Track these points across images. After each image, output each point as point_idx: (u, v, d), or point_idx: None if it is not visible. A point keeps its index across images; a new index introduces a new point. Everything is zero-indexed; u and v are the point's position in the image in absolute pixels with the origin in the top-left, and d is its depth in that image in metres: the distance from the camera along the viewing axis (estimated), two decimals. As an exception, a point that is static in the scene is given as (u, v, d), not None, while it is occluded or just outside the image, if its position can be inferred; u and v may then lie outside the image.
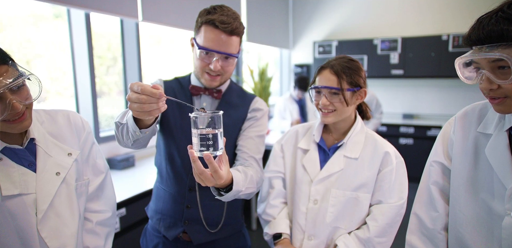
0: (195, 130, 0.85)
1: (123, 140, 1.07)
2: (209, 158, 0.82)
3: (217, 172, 0.85)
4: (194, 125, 0.85)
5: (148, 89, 0.81)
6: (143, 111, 0.83)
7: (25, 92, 0.86)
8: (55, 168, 0.98)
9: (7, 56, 0.83)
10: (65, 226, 0.98)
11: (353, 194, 1.26)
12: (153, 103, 0.83)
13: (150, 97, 0.82)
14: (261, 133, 1.31)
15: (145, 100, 0.82)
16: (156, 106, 0.84)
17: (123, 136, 1.05)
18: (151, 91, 0.81)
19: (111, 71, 3.07)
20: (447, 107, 5.17)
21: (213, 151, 0.85)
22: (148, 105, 0.82)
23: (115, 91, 3.14)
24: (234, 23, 1.16)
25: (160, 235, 1.33)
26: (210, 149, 0.84)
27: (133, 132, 0.97)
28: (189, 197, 1.27)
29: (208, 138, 0.84)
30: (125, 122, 1.01)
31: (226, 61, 1.21)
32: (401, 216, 1.24)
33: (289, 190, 1.41)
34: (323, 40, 5.62)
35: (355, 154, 1.29)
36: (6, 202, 0.88)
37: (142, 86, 0.81)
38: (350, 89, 1.22)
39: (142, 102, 0.82)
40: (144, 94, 0.81)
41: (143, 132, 0.97)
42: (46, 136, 1.01)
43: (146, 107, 0.82)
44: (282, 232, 1.33)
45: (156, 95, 0.82)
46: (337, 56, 1.29)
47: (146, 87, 0.81)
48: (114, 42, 3.02)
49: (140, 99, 0.82)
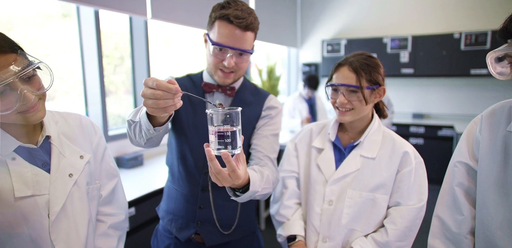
0: (213, 127, 0.81)
1: (135, 139, 1.04)
2: (227, 156, 0.78)
3: (235, 171, 0.81)
4: (211, 122, 0.81)
5: (163, 85, 0.77)
6: (158, 107, 0.79)
7: (37, 82, 0.84)
8: (68, 169, 0.96)
9: (16, 45, 0.80)
10: (75, 230, 0.95)
11: (370, 195, 1.22)
12: (169, 99, 0.79)
13: (166, 93, 0.78)
14: (275, 131, 1.27)
15: (160, 96, 0.78)
16: (171, 102, 0.80)
17: (135, 134, 1.02)
18: (167, 86, 0.77)
19: (118, 71, 3.05)
20: (458, 107, 5.07)
21: (231, 149, 0.81)
22: (163, 102, 0.78)
23: (122, 90, 3.12)
24: (249, 18, 1.12)
25: (172, 236, 1.30)
26: (228, 147, 0.80)
27: (146, 130, 0.94)
28: (202, 197, 1.24)
29: (226, 136, 0.80)
30: (138, 121, 0.97)
31: (240, 58, 1.17)
32: (421, 219, 1.20)
33: (303, 190, 1.37)
34: (331, 39, 5.56)
35: (372, 153, 1.25)
36: (19, 202, 0.85)
37: (158, 81, 0.77)
38: (369, 87, 1.18)
39: (158, 99, 0.78)
40: (159, 90, 0.78)
41: (157, 129, 0.94)
42: (60, 135, 0.99)
43: (161, 104, 0.78)
44: (296, 234, 1.29)
45: (172, 91, 0.78)
46: (355, 53, 1.24)
47: (162, 82, 0.77)
48: (121, 42, 3.01)
49: (155, 95, 0.78)
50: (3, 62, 0.75)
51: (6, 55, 0.76)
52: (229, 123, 0.81)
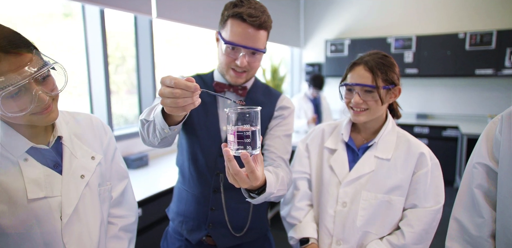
0: (231, 126, 0.79)
1: (148, 139, 1.01)
2: (246, 157, 0.76)
3: (254, 172, 0.79)
4: (230, 121, 0.79)
5: (182, 83, 0.75)
6: (177, 106, 0.77)
7: (51, 83, 0.82)
8: (80, 170, 0.94)
9: (32, 44, 0.78)
10: (87, 233, 0.93)
11: (386, 197, 1.19)
12: (187, 98, 0.76)
13: (184, 92, 0.76)
14: (288, 132, 1.25)
15: (179, 94, 0.75)
16: (190, 101, 0.77)
17: (148, 134, 0.99)
18: (186, 84, 0.75)
19: (119, 70, 3.04)
20: (463, 107, 5.05)
21: (251, 149, 0.79)
22: (182, 100, 0.76)
23: (123, 90, 3.11)
24: (262, 16, 1.10)
25: (182, 238, 1.28)
26: (248, 147, 0.78)
27: (161, 129, 0.91)
28: (213, 199, 1.22)
29: (245, 136, 0.77)
30: (152, 120, 0.95)
31: (253, 57, 1.15)
32: (438, 221, 1.17)
33: (315, 191, 1.35)
34: (335, 39, 5.54)
35: (387, 154, 1.22)
36: (32, 204, 0.83)
37: (176, 80, 0.75)
38: (385, 87, 1.16)
39: (176, 97, 0.75)
40: (178, 88, 0.75)
41: (172, 128, 0.91)
42: (72, 136, 0.97)
43: (180, 102, 0.76)
44: (309, 237, 1.27)
45: (191, 89, 0.76)
46: (370, 52, 1.22)
47: (180, 80, 0.75)
48: (122, 41, 2.99)
49: (173, 93, 0.75)
50: (19, 62, 0.73)
51: (22, 55, 0.74)
52: (249, 123, 0.78)
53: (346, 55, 5.41)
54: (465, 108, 5.03)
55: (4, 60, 0.71)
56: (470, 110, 5.00)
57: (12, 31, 0.76)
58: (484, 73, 4.57)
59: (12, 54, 0.72)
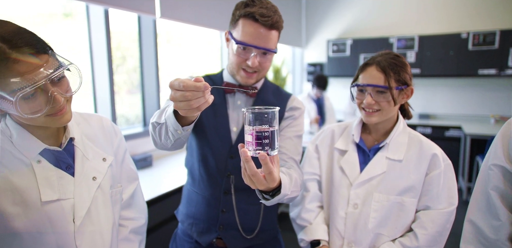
0: (250, 126, 0.77)
1: (160, 141, 1.00)
2: (265, 158, 0.75)
3: (272, 173, 0.78)
4: (248, 121, 0.78)
5: (191, 84, 0.74)
6: (191, 108, 0.76)
7: (65, 84, 0.80)
8: (91, 172, 0.92)
9: (47, 45, 0.77)
10: (99, 235, 0.92)
11: (398, 198, 1.18)
12: (200, 97, 0.76)
13: (195, 92, 0.75)
14: (299, 132, 1.24)
15: (191, 96, 0.75)
16: (204, 100, 0.76)
17: (161, 137, 0.98)
18: (195, 85, 0.74)
19: (119, 70, 3.03)
20: (466, 107, 5.03)
21: (270, 150, 0.77)
22: (195, 101, 0.75)
23: (124, 90, 3.10)
24: (274, 16, 1.09)
25: (192, 241, 1.26)
26: (266, 148, 0.77)
27: (174, 131, 0.90)
28: (224, 201, 1.20)
29: (264, 136, 0.76)
30: (163, 122, 0.94)
31: (264, 57, 1.14)
32: (451, 223, 1.16)
33: (326, 193, 1.33)
34: (337, 39, 5.52)
35: (398, 155, 1.21)
36: (45, 207, 0.82)
37: (184, 82, 0.74)
38: (398, 88, 1.14)
39: (189, 100, 0.75)
40: (188, 90, 0.75)
41: (185, 129, 0.90)
42: (83, 137, 0.95)
43: (194, 104, 0.76)
44: (320, 239, 1.26)
45: (201, 89, 0.75)
46: (381, 52, 1.21)
47: (188, 82, 0.74)
48: (123, 41, 2.97)
49: (185, 96, 0.74)
50: (36, 63, 0.72)
51: (39, 56, 0.73)
52: (267, 123, 0.77)
53: (348, 55, 5.40)
54: (468, 109, 5.02)
55: (21, 61, 0.70)
56: (473, 110, 4.99)
57: (29, 32, 0.75)
58: (487, 73, 4.56)
59: (29, 55, 0.71)
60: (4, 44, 0.69)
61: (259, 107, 0.78)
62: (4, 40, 0.70)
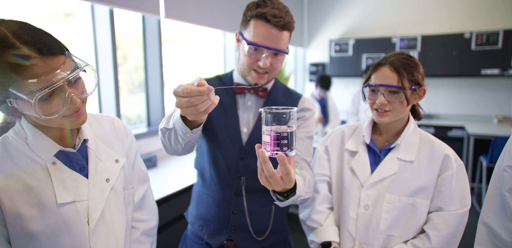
0: (268, 127, 0.77)
1: (170, 146, 1.02)
2: (283, 159, 0.75)
3: (289, 174, 0.77)
4: (266, 121, 0.77)
5: (194, 90, 0.75)
6: (199, 112, 0.78)
7: (81, 85, 0.80)
8: (105, 174, 0.92)
9: (64, 46, 0.77)
10: (113, 237, 0.91)
11: (410, 199, 1.18)
12: (206, 100, 0.77)
13: (200, 97, 0.76)
14: (310, 133, 1.23)
15: (196, 101, 0.77)
16: (209, 102, 0.78)
17: (171, 142, 1.00)
18: (198, 90, 0.76)
19: (120, 70, 3.02)
20: (469, 107, 5.03)
21: (288, 151, 0.77)
22: (201, 105, 0.77)
23: (125, 90, 3.09)
24: (286, 17, 1.09)
25: (202, 242, 1.26)
26: (284, 148, 0.76)
27: (183, 134, 0.92)
28: (235, 202, 1.20)
29: (283, 137, 0.75)
30: (172, 127, 0.95)
31: (275, 58, 1.13)
32: (464, 225, 1.16)
33: (336, 194, 1.33)
34: (339, 38, 5.52)
35: (410, 156, 1.20)
36: (61, 209, 0.81)
37: (187, 88, 0.76)
38: (411, 88, 1.14)
39: (195, 105, 0.77)
40: (193, 96, 0.76)
41: (194, 131, 0.91)
42: (96, 139, 0.95)
43: (200, 107, 0.77)
44: (331, 240, 1.25)
45: (205, 92, 0.76)
46: (394, 52, 1.20)
47: (191, 88, 0.76)
48: (123, 41, 2.97)
49: (191, 102, 0.76)
50: (53, 64, 0.72)
51: (56, 57, 0.73)
52: (286, 123, 0.77)
53: (351, 55, 5.39)
54: (471, 109, 5.01)
55: (40, 62, 0.70)
56: (476, 110, 4.99)
57: (46, 33, 0.75)
58: (490, 73, 4.55)
59: (47, 57, 0.71)
60: (23, 45, 0.69)
61: (277, 107, 0.77)
62: (23, 42, 0.69)
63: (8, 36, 0.68)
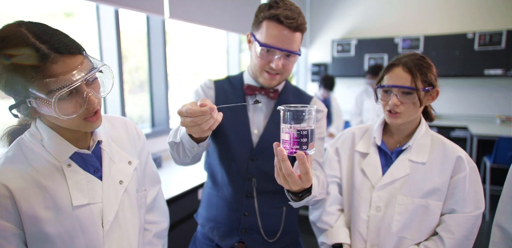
0: (287, 125, 0.76)
1: (179, 158, 1.06)
2: (303, 157, 0.74)
3: (308, 173, 0.77)
4: (285, 120, 0.77)
5: (197, 110, 0.79)
6: (203, 130, 0.82)
7: (98, 86, 0.80)
8: (118, 176, 0.91)
9: (81, 46, 0.77)
10: (127, 240, 0.91)
11: (422, 201, 1.17)
12: (209, 119, 0.81)
13: (203, 116, 0.79)
14: (322, 135, 1.23)
15: (200, 121, 0.80)
16: (212, 121, 0.82)
17: (179, 154, 1.04)
18: (201, 111, 0.79)
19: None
20: (471, 107, 5.02)
21: (308, 149, 0.76)
22: (205, 124, 0.81)
23: (125, 90, 3.08)
24: (299, 18, 1.08)
25: (213, 244, 1.25)
26: (304, 147, 0.75)
27: (190, 148, 0.96)
28: (246, 204, 1.19)
29: (303, 135, 0.75)
30: (179, 141, 0.99)
31: (288, 59, 1.13)
32: (478, 228, 1.15)
33: (346, 196, 1.32)
34: (341, 39, 5.51)
35: (422, 158, 1.20)
36: (76, 212, 0.81)
37: (190, 110, 0.79)
38: (424, 89, 1.13)
39: (199, 124, 0.81)
40: (197, 116, 0.79)
41: (201, 145, 0.96)
42: (109, 140, 0.94)
43: (204, 126, 0.81)
44: (342, 242, 1.25)
45: (208, 112, 0.80)
46: (406, 53, 1.19)
47: (194, 110, 0.79)
48: (124, 40, 2.96)
49: (195, 121, 0.80)
50: (72, 64, 0.72)
51: (75, 57, 0.73)
52: (306, 121, 0.76)
53: (353, 56, 5.39)
54: (474, 109, 5.01)
55: (59, 61, 0.70)
56: (479, 111, 4.98)
57: (65, 34, 0.75)
58: (493, 73, 4.55)
59: (66, 56, 0.71)
60: (43, 45, 0.69)
61: (295, 105, 0.77)
62: (43, 41, 0.69)
63: (29, 36, 0.69)
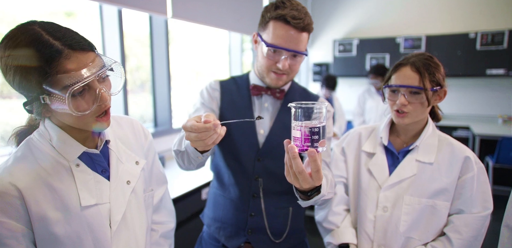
0: (298, 122, 0.76)
1: (184, 165, 1.09)
2: (314, 154, 0.74)
3: (319, 171, 0.76)
4: (296, 117, 0.77)
5: (201, 127, 0.80)
6: (207, 145, 0.83)
7: (109, 84, 0.80)
8: (126, 176, 0.91)
9: (92, 44, 0.77)
10: (134, 240, 0.90)
11: (430, 201, 1.16)
12: (213, 135, 0.82)
13: (207, 132, 0.81)
14: (329, 134, 1.22)
15: (204, 136, 0.81)
16: (216, 135, 0.83)
17: (184, 162, 1.06)
18: (205, 127, 0.80)
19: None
20: (474, 107, 5.02)
21: (319, 147, 0.75)
22: (209, 138, 0.82)
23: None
24: (306, 18, 1.08)
25: (219, 244, 1.25)
26: (315, 144, 0.75)
27: (195, 157, 0.98)
28: (253, 204, 1.19)
29: (314, 132, 0.74)
30: (184, 150, 1.01)
31: (294, 60, 1.13)
32: (486, 228, 1.14)
33: (353, 196, 1.32)
34: (343, 38, 5.51)
35: (429, 158, 1.19)
36: (85, 212, 0.80)
37: (195, 126, 0.80)
38: (432, 89, 1.12)
39: (203, 139, 0.82)
40: (200, 132, 0.80)
41: (205, 155, 0.97)
42: (117, 140, 0.94)
43: (208, 141, 0.83)
44: (349, 242, 1.24)
45: (211, 128, 0.81)
46: (414, 53, 1.19)
47: (198, 126, 0.80)
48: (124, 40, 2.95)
49: (199, 137, 0.81)
50: (85, 60, 0.72)
51: (87, 54, 0.73)
52: (317, 118, 0.75)
53: (355, 55, 5.38)
54: (476, 109, 5.00)
55: (73, 57, 0.70)
56: (481, 110, 4.98)
57: (76, 31, 0.75)
58: (495, 73, 4.54)
59: (79, 52, 0.71)
60: (56, 41, 0.69)
61: (307, 102, 0.77)
62: (56, 38, 0.70)
63: (42, 34, 0.69)
